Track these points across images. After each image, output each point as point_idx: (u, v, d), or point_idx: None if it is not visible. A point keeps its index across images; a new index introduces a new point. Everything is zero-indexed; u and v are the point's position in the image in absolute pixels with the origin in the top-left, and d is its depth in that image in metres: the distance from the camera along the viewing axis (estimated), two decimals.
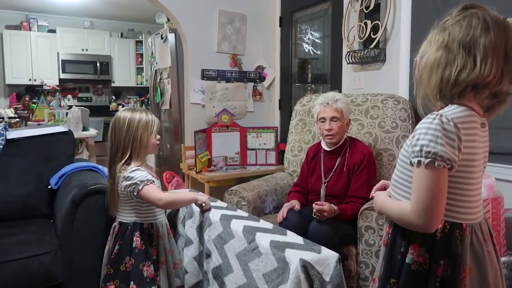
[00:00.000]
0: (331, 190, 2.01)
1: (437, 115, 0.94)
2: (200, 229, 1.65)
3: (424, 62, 1.00)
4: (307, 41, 3.40)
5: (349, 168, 1.98)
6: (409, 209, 0.94)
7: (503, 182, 1.86)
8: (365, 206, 1.81)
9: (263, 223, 1.49)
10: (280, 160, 3.02)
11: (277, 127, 3.20)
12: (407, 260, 0.99)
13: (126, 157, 1.53)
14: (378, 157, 2.14)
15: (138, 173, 1.52)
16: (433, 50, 0.99)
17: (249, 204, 2.14)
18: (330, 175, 2.02)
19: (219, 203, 1.71)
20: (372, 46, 2.58)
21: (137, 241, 1.54)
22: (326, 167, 2.05)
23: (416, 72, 1.04)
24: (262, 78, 3.61)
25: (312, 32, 3.36)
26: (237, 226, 1.44)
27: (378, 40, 2.56)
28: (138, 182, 1.51)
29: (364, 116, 2.29)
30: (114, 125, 1.56)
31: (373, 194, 1.19)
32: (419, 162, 0.92)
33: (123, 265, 1.54)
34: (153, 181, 1.56)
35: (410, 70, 2.43)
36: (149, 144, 1.58)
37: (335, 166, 2.02)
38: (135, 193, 1.52)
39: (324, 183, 2.02)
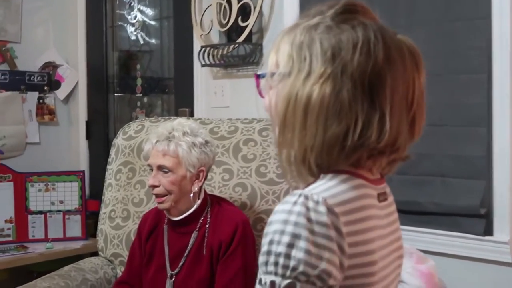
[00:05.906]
0: None
1: (299, 196, 0.93)
2: None
3: (287, 94, 0.96)
4: (134, 22, 3.41)
5: (211, 249, 1.98)
6: None
7: (431, 255, 2.01)
8: None
9: None
10: (90, 229, 3.05)
11: (83, 171, 3.21)
12: None
13: None
14: (257, 226, 2.14)
15: None
16: (306, 75, 0.94)
17: None
18: (181, 264, 2.03)
19: None
20: (241, 39, 2.60)
21: None
22: (174, 250, 2.04)
23: (269, 108, 1.02)
24: (55, 84, 3.51)
25: (142, 8, 3.37)
26: None
27: (251, 31, 2.59)
28: None
29: (233, 158, 2.31)
30: None
31: None
32: (272, 284, 0.91)
33: None
34: None
35: None
36: None
37: (188, 248, 2.02)
38: None
39: (171, 278, 2.03)
